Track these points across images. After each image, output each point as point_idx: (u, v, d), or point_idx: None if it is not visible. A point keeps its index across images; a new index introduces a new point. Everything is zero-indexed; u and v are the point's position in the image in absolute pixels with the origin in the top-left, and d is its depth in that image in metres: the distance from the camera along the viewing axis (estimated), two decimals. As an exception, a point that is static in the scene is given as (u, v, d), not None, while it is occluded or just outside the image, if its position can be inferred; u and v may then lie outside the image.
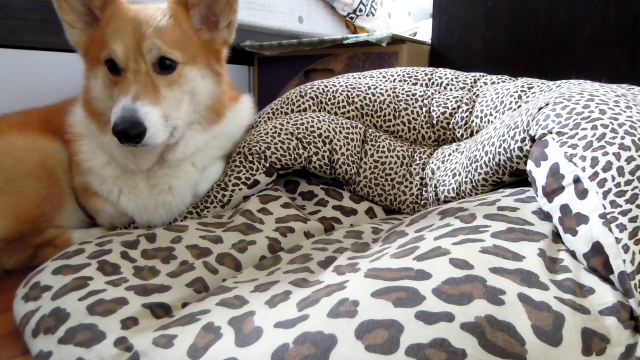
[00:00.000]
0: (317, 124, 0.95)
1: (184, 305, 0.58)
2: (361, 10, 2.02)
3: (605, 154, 0.51)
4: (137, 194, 0.83)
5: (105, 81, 0.78)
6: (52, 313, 0.55)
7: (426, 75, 1.12)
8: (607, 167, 0.50)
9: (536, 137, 0.61)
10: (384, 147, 0.97)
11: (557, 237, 0.53)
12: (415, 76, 1.12)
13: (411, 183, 0.94)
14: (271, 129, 0.94)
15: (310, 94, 1.06)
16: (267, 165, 0.90)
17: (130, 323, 0.52)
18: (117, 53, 0.74)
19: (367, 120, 1.04)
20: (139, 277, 0.63)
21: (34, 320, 0.56)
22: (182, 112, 0.79)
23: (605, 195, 0.49)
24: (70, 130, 0.86)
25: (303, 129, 0.94)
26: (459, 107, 0.98)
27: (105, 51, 0.75)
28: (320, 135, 0.94)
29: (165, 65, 0.77)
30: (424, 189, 0.92)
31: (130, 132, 0.69)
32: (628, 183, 0.48)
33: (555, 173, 0.54)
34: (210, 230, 0.76)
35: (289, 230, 0.78)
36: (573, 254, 0.50)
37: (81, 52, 0.82)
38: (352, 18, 2.04)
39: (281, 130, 0.93)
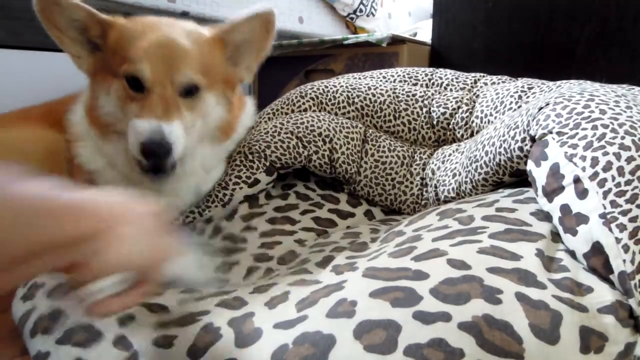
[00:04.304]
0: (316, 122, 0.95)
1: (181, 302, 0.58)
2: (361, 10, 2.02)
3: (605, 153, 0.51)
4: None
5: (120, 95, 0.77)
6: (49, 313, 0.55)
7: (426, 75, 1.11)
8: (607, 167, 0.50)
9: (536, 137, 0.61)
10: (384, 146, 0.97)
11: (555, 237, 0.53)
12: (415, 76, 1.12)
13: (411, 183, 0.94)
14: (271, 128, 0.94)
15: (310, 94, 1.06)
16: (267, 164, 0.90)
17: (127, 320, 0.52)
18: (145, 73, 0.74)
19: (367, 120, 1.04)
20: None
21: (32, 320, 0.56)
22: (195, 131, 0.81)
23: (605, 194, 0.49)
24: (69, 129, 0.86)
25: (303, 128, 0.94)
26: (459, 107, 0.98)
27: (129, 67, 0.74)
28: (320, 134, 0.94)
29: (189, 90, 0.78)
30: (424, 189, 0.92)
31: (159, 151, 0.72)
32: (628, 183, 0.48)
33: (555, 173, 0.54)
34: None
35: (277, 242, 0.78)
36: (572, 254, 0.50)
37: (89, 74, 0.82)
38: (352, 18, 2.04)
39: (281, 129, 0.93)
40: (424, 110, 1.01)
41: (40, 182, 0.38)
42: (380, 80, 1.12)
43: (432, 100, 1.02)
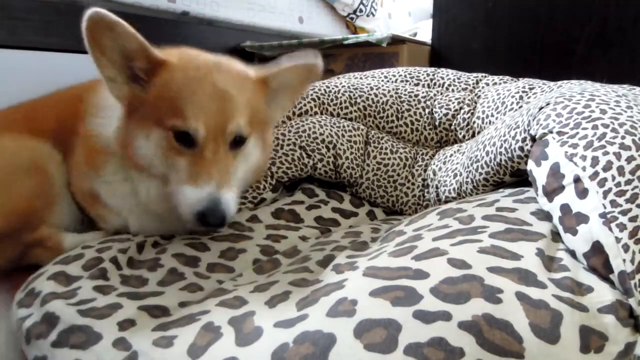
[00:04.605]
0: (318, 129, 0.95)
1: (182, 304, 0.58)
2: (361, 11, 2.02)
3: (606, 153, 0.51)
4: (147, 219, 0.81)
5: (163, 145, 0.73)
6: (43, 319, 0.55)
7: (428, 75, 1.11)
8: (607, 167, 0.50)
9: (536, 137, 0.61)
10: (386, 148, 0.97)
11: (555, 237, 0.53)
12: (417, 76, 1.12)
13: (413, 184, 0.94)
14: (273, 141, 0.92)
15: (311, 95, 1.06)
16: (274, 182, 0.89)
17: (127, 324, 0.52)
18: (199, 132, 0.70)
19: (369, 121, 1.03)
20: (127, 285, 0.62)
21: (24, 327, 0.55)
22: (237, 180, 0.77)
23: (605, 194, 0.49)
24: (95, 138, 0.81)
25: (305, 136, 0.93)
26: (460, 108, 0.98)
27: (179, 122, 0.70)
28: (323, 141, 0.93)
29: (237, 142, 0.75)
30: (426, 190, 0.92)
31: (215, 223, 0.69)
32: (628, 182, 0.48)
33: (555, 172, 0.54)
34: (195, 237, 0.75)
35: (282, 237, 0.77)
36: (572, 253, 0.50)
37: (123, 105, 0.77)
38: (352, 18, 2.05)
39: (283, 141, 0.93)
40: (427, 111, 1.01)
41: None
42: (382, 80, 1.12)
43: (435, 100, 1.02)
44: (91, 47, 0.71)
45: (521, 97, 0.88)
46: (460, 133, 0.97)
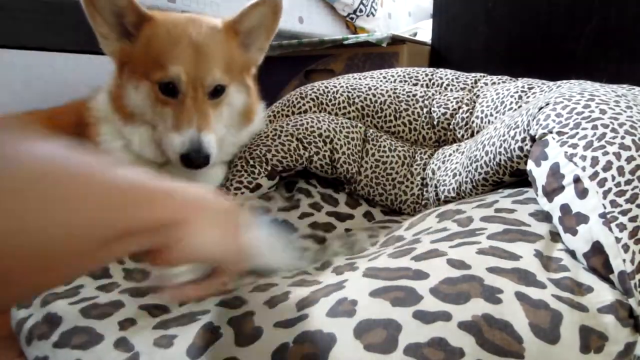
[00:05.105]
0: (316, 123, 0.95)
1: (182, 303, 0.58)
2: (361, 10, 2.02)
3: (605, 153, 0.51)
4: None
5: (151, 97, 0.82)
6: (44, 319, 0.55)
7: (426, 75, 1.12)
8: (607, 167, 0.50)
9: (536, 137, 0.60)
10: (384, 146, 0.97)
11: (555, 238, 0.53)
12: (416, 76, 1.12)
13: (412, 183, 0.94)
14: (271, 132, 0.94)
15: (310, 95, 1.06)
16: (269, 168, 0.90)
17: (127, 324, 0.52)
18: (180, 78, 0.79)
19: (367, 120, 1.04)
20: (130, 279, 0.63)
21: (26, 327, 0.55)
22: (222, 123, 0.87)
23: (605, 194, 0.49)
24: (90, 113, 0.90)
25: (303, 129, 0.94)
26: (459, 107, 0.98)
27: (162, 73, 0.79)
28: (320, 135, 0.94)
29: (217, 91, 0.83)
30: (425, 189, 0.92)
31: (200, 162, 0.80)
32: (628, 182, 0.48)
33: (555, 172, 0.54)
34: None
35: None
36: (572, 254, 0.50)
37: (115, 60, 0.86)
38: (352, 18, 2.04)
39: (281, 132, 0.94)
40: (425, 110, 1.01)
41: (128, 168, 0.38)
42: (381, 81, 1.12)
43: (433, 100, 1.02)
44: (87, 6, 0.79)
45: (520, 97, 0.88)
46: (459, 132, 0.97)
